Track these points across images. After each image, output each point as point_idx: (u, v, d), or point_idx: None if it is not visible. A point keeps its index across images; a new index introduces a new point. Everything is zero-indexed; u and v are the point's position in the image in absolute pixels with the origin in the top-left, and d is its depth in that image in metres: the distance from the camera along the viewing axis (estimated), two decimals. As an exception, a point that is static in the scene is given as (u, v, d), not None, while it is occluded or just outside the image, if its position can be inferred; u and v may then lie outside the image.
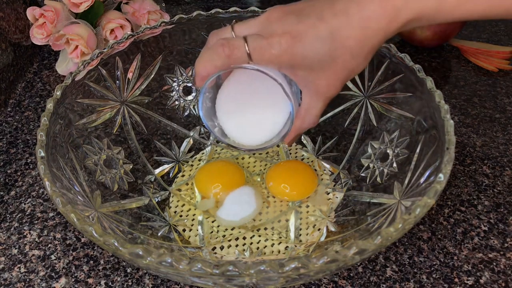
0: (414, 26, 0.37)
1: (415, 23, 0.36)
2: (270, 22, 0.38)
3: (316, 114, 0.42)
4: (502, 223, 0.50)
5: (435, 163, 0.40)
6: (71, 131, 0.47)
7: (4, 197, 0.54)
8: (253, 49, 0.37)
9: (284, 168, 0.54)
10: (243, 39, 0.37)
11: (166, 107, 0.57)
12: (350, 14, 0.36)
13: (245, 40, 0.37)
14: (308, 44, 0.36)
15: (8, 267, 0.47)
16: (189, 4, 0.88)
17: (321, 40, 0.36)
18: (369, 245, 0.33)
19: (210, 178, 0.52)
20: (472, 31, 0.78)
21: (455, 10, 0.35)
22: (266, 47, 0.37)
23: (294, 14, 0.37)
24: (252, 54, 0.37)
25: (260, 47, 0.37)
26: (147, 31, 0.53)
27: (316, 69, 0.38)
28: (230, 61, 0.38)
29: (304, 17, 0.37)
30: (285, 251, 0.47)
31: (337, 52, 0.37)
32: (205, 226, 0.50)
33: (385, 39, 0.37)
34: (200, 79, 0.40)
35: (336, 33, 0.36)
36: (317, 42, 0.36)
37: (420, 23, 0.37)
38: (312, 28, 0.36)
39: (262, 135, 0.45)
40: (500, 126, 0.61)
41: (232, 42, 0.38)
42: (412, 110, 0.48)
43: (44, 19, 0.66)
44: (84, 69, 0.49)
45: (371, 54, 0.38)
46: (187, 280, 0.37)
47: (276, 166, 0.54)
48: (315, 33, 0.36)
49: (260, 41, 0.37)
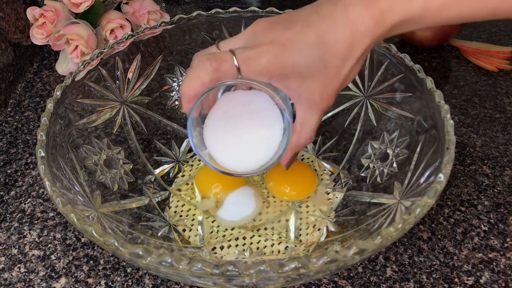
0: (402, 30, 0.37)
1: (402, 27, 0.36)
2: (256, 34, 0.37)
3: (312, 128, 0.40)
4: (502, 223, 0.50)
5: (435, 163, 0.40)
6: (71, 131, 0.47)
7: (4, 197, 0.54)
8: (241, 60, 0.36)
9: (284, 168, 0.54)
10: (231, 52, 0.36)
11: (166, 107, 0.57)
12: (336, 18, 0.36)
13: (232, 53, 0.36)
14: (297, 50, 0.36)
15: (8, 267, 0.47)
16: (189, 4, 0.88)
17: (309, 45, 0.36)
18: (369, 245, 0.33)
19: (211, 178, 0.52)
20: (472, 31, 0.78)
21: (441, 13, 0.35)
22: (255, 57, 0.36)
23: (281, 23, 0.37)
24: (241, 66, 0.36)
25: (249, 57, 0.36)
26: (147, 31, 0.53)
27: (308, 78, 0.37)
28: (218, 75, 0.36)
29: (291, 25, 0.36)
30: (285, 251, 0.47)
31: (327, 57, 0.36)
32: (205, 226, 0.50)
33: (374, 43, 0.37)
34: (187, 100, 0.38)
35: (324, 37, 0.36)
36: (305, 47, 0.36)
37: (409, 26, 0.36)
38: (299, 34, 0.36)
39: (257, 159, 0.42)
40: (500, 126, 0.61)
41: (219, 56, 0.36)
42: (412, 110, 0.48)
43: (44, 19, 0.66)
44: (84, 69, 0.49)
45: (362, 60, 0.38)
46: (187, 280, 0.37)
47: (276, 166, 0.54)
48: (303, 39, 0.36)
49: (248, 52, 0.36)
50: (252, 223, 0.50)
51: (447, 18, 0.36)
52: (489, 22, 0.80)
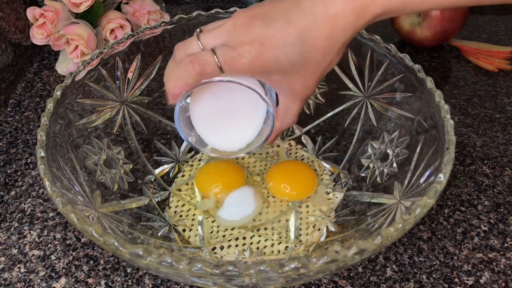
0: (383, 18, 0.37)
1: (384, 16, 0.37)
2: (236, 29, 0.37)
3: (294, 114, 0.42)
4: (502, 223, 0.50)
5: (435, 163, 0.40)
6: (71, 131, 0.47)
7: (4, 197, 0.54)
8: (223, 61, 0.36)
9: (284, 168, 0.54)
10: (212, 52, 0.37)
11: (166, 107, 0.57)
12: (316, 14, 0.36)
13: (213, 52, 0.37)
14: (278, 49, 0.36)
15: (8, 267, 0.47)
16: (189, 4, 0.88)
17: (290, 44, 0.36)
18: (369, 245, 0.33)
19: (211, 178, 0.52)
20: (472, 31, 0.78)
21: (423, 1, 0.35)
22: (237, 57, 0.36)
23: (260, 18, 0.37)
24: (223, 66, 0.37)
25: (231, 58, 0.36)
26: (147, 31, 0.53)
27: (290, 72, 0.38)
28: (201, 77, 0.37)
29: (271, 21, 0.36)
30: (285, 251, 0.47)
31: (309, 54, 0.37)
32: (205, 226, 0.50)
33: (354, 34, 0.37)
34: (172, 97, 0.39)
35: (305, 35, 0.36)
36: (287, 46, 0.36)
37: (390, 15, 0.37)
38: (280, 32, 0.36)
39: (242, 139, 0.44)
40: (500, 126, 0.61)
41: (202, 58, 0.37)
42: (412, 110, 0.48)
43: (44, 19, 0.66)
44: (84, 69, 0.49)
45: (342, 50, 0.38)
46: (187, 280, 0.37)
47: (276, 166, 0.54)
48: (284, 38, 0.36)
49: (229, 52, 0.36)
50: (252, 223, 0.50)
51: (428, 5, 0.36)
52: (489, 22, 0.80)
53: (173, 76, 0.38)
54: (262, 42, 0.36)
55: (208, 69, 0.37)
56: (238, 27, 0.37)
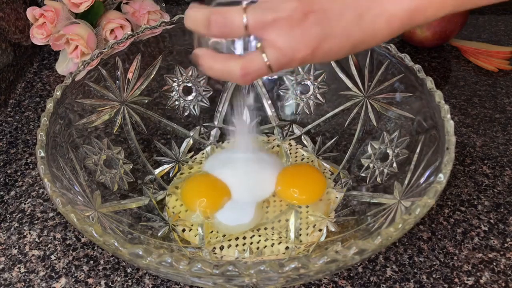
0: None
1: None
2: (293, 27, 0.34)
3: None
4: (502, 223, 0.50)
5: (435, 163, 0.40)
6: (71, 131, 0.47)
7: (4, 197, 0.54)
8: (276, 68, 0.35)
9: (293, 172, 0.54)
10: (264, 60, 0.35)
11: (166, 107, 0.57)
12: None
13: (265, 57, 0.34)
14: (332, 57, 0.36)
15: (8, 267, 0.47)
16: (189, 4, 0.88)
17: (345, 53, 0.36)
18: (369, 245, 0.33)
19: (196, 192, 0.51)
20: (472, 31, 0.78)
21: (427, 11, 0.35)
22: (289, 63, 0.35)
23: (318, 17, 0.34)
24: (273, 70, 0.35)
25: (283, 64, 0.35)
26: (147, 31, 0.53)
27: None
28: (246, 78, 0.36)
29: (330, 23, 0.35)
30: (285, 251, 0.47)
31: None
32: (205, 226, 0.50)
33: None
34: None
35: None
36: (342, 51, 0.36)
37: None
38: (337, 45, 0.35)
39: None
40: (500, 126, 0.61)
41: (254, 68, 0.35)
42: (412, 110, 0.48)
43: (44, 19, 0.66)
44: (84, 69, 0.49)
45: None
46: (187, 280, 0.37)
47: (285, 170, 0.54)
48: (341, 49, 0.36)
49: (282, 59, 0.35)
50: (252, 223, 0.50)
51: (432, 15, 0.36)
52: (489, 22, 0.80)
53: (217, 68, 0.36)
54: (316, 50, 0.35)
55: (254, 75, 0.36)
56: (294, 25, 0.34)
